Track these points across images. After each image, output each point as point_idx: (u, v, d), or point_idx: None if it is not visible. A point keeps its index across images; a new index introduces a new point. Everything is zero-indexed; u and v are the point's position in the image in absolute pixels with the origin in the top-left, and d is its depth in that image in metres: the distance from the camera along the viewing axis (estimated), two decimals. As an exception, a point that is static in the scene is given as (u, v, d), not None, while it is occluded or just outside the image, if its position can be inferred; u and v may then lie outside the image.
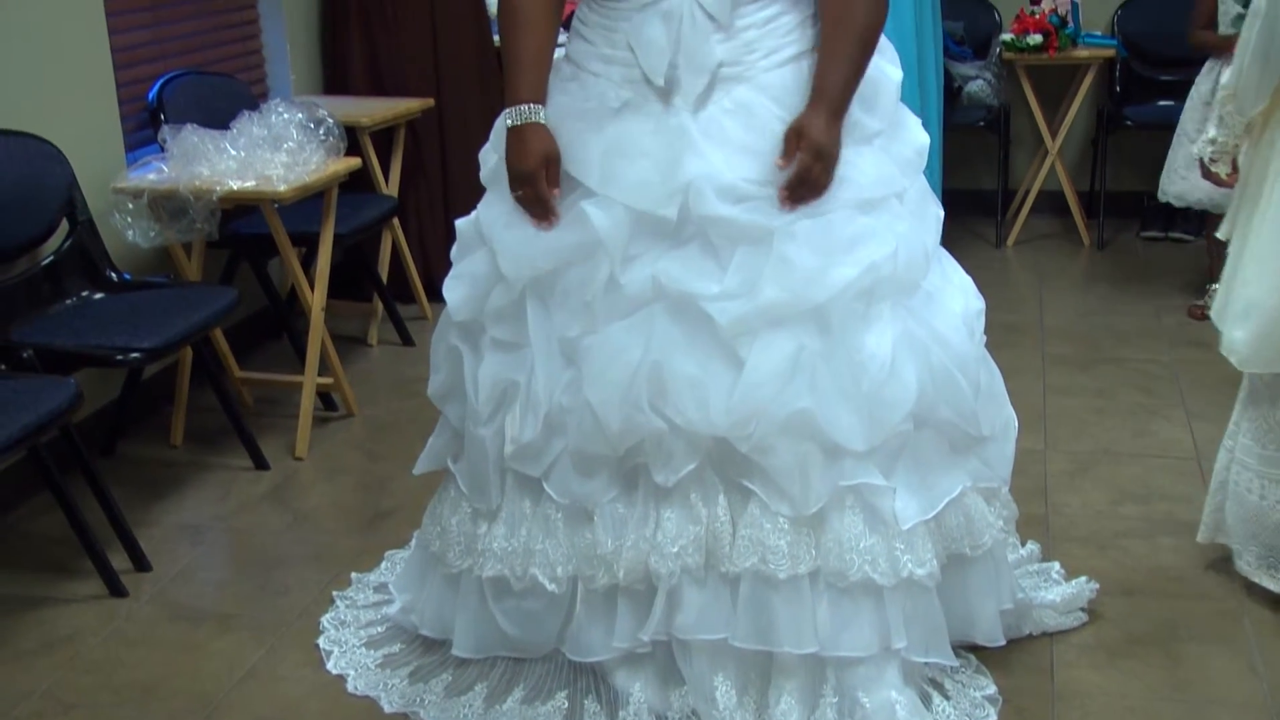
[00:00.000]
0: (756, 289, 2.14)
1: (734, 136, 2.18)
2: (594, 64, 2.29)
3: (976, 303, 2.40)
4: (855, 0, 2.21)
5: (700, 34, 2.18)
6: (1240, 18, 3.84)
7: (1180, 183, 4.55)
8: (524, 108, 2.26)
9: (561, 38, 2.36)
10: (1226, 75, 2.70)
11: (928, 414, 2.25)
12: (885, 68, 2.32)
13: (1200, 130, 4.07)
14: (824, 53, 2.22)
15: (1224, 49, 4.15)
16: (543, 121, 2.26)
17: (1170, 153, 4.61)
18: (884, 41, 2.34)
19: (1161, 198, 4.66)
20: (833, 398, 2.17)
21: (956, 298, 2.36)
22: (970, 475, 2.35)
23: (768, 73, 2.22)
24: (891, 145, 2.27)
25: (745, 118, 2.20)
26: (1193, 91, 4.54)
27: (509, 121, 2.27)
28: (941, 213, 2.41)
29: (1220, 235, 2.85)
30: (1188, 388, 3.92)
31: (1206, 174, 2.87)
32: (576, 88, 2.30)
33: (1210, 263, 4.48)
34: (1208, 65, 4.47)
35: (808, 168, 2.17)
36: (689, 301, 2.16)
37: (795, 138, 2.18)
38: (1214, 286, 4.17)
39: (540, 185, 2.24)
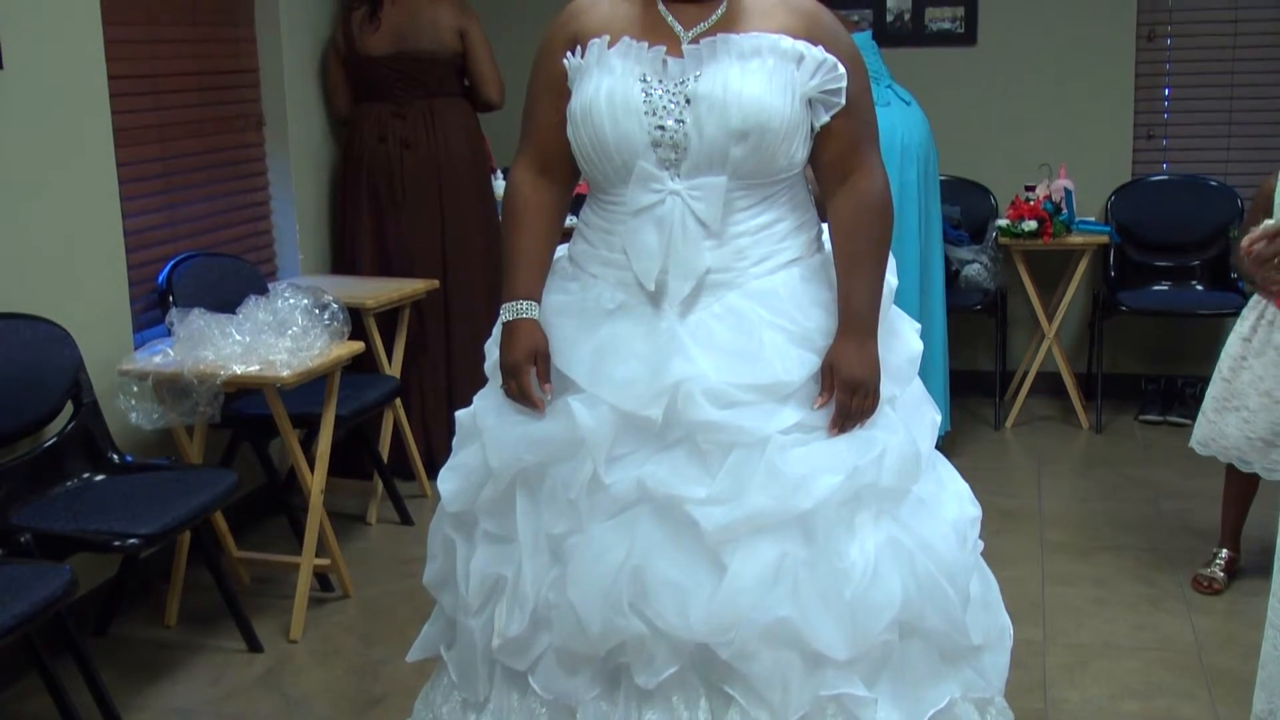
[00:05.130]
0: (743, 495, 2.15)
1: (723, 341, 2.22)
2: (593, 265, 2.35)
3: (972, 510, 2.40)
4: (867, 212, 2.29)
5: (691, 241, 2.23)
6: None
7: (1207, 427, 3.78)
8: (519, 304, 2.33)
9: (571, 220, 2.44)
10: None
11: (915, 623, 2.23)
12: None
13: (1233, 372, 3.68)
14: (844, 271, 2.29)
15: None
16: (535, 318, 2.33)
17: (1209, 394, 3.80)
18: None
19: (1200, 450, 3.84)
20: (815, 606, 2.16)
21: (950, 504, 2.36)
22: (961, 685, 2.33)
23: (759, 279, 2.27)
24: (884, 353, 2.31)
25: (734, 322, 2.24)
26: (1236, 328, 3.75)
27: (504, 317, 2.34)
28: (938, 418, 2.43)
29: None
30: (1188, 577, 3.90)
31: None
32: (576, 287, 2.36)
33: (1222, 522, 3.94)
34: (1251, 301, 3.72)
35: (845, 404, 2.24)
36: (675, 505, 2.18)
37: (829, 374, 2.24)
38: (1223, 553, 3.89)
39: (525, 380, 2.29)
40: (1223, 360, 3.75)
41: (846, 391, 2.24)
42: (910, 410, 2.36)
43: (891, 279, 2.39)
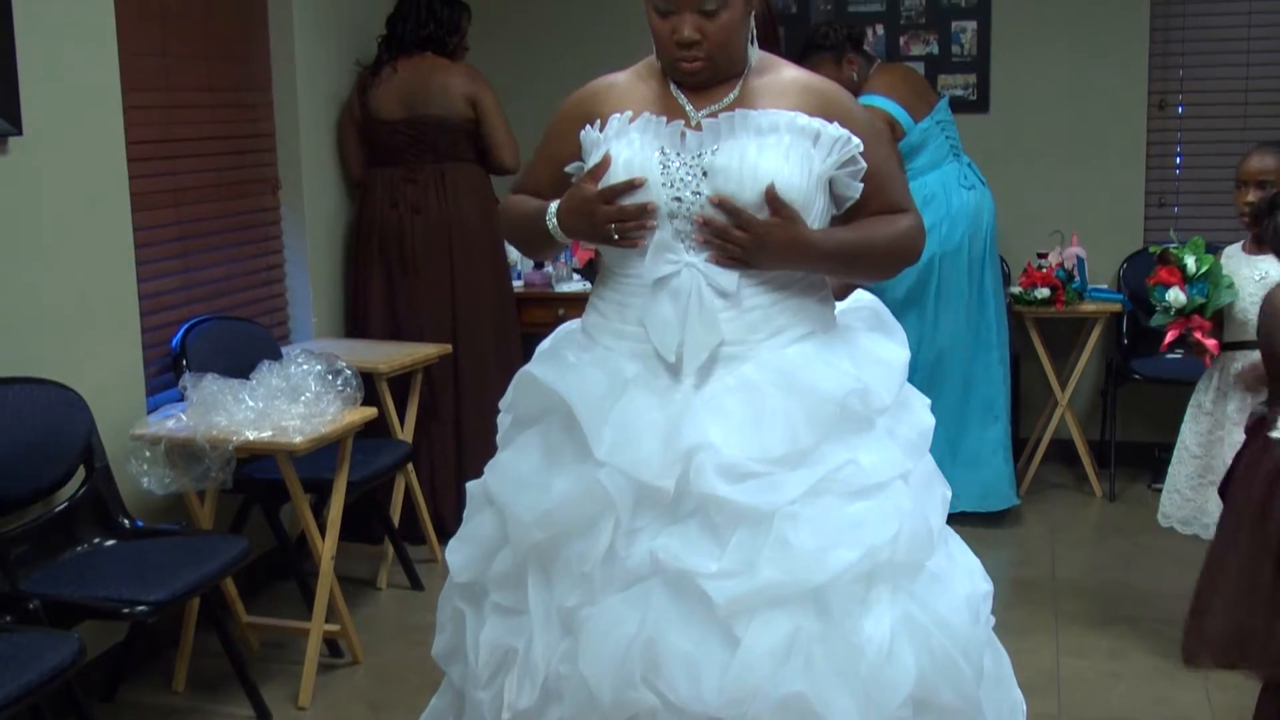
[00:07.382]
0: (754, 569, 2.14)
1: (736, 413, 2.22)
2: (606, 338, 2.36)
3: (984, 585, 2.39)
4: (896, 237, 2.32)
5: (707, 312, 2.24)
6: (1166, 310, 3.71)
7: (1185, 505, 3.88)
8: (554, 206, 2.35)
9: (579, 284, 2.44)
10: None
11: (929, 699, 2.21)
12: (892, 349, 2.38)
13: (1203, 448, 3.78)
14: (855, 226, 2.32)
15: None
16: None
17: (1171, 469, 3.94)
18: (894, 323, 2.41)
19: (1163, 522, 3.97)
20: (829, 680, 2.14)
21: (962, 580, 2.35)
22: (974, 762, 2.31)
23: (773, 352, 2.27)
24: (896, 427, 2.31)
25: (748, 394, 2.24)
26: (1192, 402, 3.90)
27: (550, 214, 2.35)
28: (949, 493, 2.42)
29: None
30: (1203, 649, 3.85)
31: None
32: (590, 358, 2.36)
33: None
34: (1202, 381, 3.88)
35: (752, 222, 2.20)
36: (687, 578, 2.17)
37: (774, 201, 2.20)
38: None
39: (600, 197, 2.25)
40: (1187, 437, 3.85)
41: (773, 215, 2.21)
42: (922, 485, 2.35)
43: (903, 352, 2.39)
